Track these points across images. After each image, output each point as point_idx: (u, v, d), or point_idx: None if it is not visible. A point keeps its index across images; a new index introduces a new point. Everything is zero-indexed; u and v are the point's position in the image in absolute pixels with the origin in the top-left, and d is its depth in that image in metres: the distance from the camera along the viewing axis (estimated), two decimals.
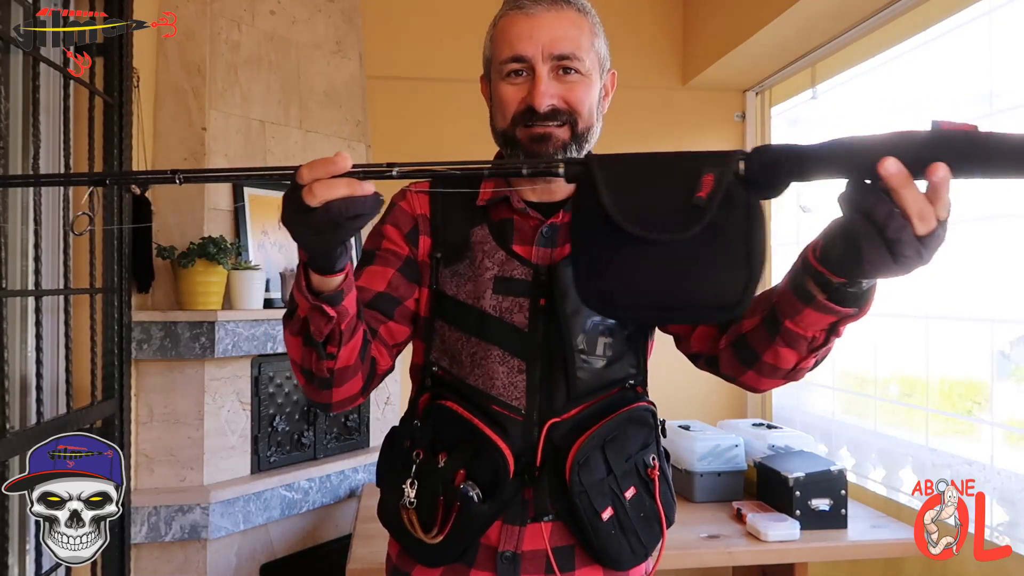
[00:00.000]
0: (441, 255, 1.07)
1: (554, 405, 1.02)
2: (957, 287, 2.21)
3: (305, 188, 0.77)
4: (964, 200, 2.17)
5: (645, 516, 1.05)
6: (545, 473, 1.01)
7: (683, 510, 2.22)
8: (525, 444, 1.01)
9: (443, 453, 1.02)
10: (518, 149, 1.04)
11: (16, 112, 1.68)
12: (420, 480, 1.02)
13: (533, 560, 1.02)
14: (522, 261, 1.05)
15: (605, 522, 1.01)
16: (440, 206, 1.10)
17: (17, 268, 1.69)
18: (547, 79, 1.01)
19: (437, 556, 1.04)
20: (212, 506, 2.11)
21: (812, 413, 2.86)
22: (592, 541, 1.01)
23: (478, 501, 0.98)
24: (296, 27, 2.61)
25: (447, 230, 1.08)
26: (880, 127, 2.59)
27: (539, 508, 1.02)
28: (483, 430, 0.99)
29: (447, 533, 0.99)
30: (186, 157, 2.27)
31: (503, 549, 1.02)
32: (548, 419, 1.01)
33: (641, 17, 3.16)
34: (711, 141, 3.20)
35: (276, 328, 2.26)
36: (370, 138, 2.86)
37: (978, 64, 2.11)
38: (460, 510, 0.99)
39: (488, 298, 1.03)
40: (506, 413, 1.02)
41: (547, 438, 1.01)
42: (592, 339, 1.03)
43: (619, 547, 1.02)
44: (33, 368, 1.62)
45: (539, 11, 1.02)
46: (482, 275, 1.04)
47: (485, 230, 1.07)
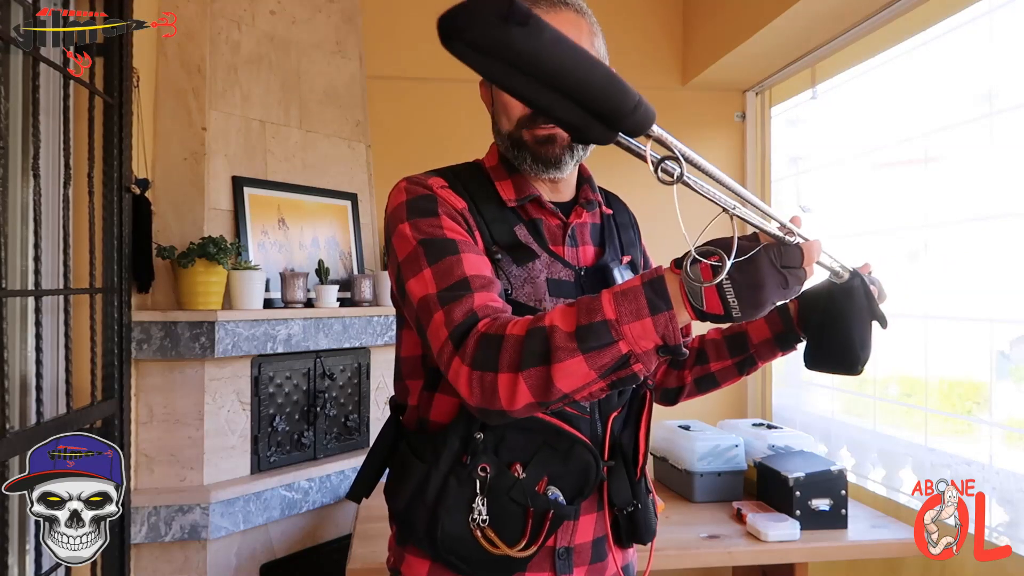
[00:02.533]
0: (502, 256, 1.03)
1: (610, 400, 1.06)
2: (957, 287, 2.21)
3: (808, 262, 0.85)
4: (964, 200, 2.17)
5: (649, 493, 1.15)
6: (618, 465, 1.07)
7: (683, 510, 2.22)
8: (594, 439, 1.05)
9: (515, 463, 1.00)
10: (524, 151, 1.05)
11: (16, 112, 1.68)
12: (491, 495, 0.98)
13: (581, 552, 1.06)
14: (563, 263, 1.07)
15: (643, 506, 1.10)
16: (476, 203, 1.06)
17: (17, 268, 1.69)
18: None
19: (512, 567, 1.00)
20: (212, 506, 2.11)
21: (812, 413, 2.86)
22: (636, 523, 1.08)
23: (567, 505, 1.01)
24: (296, 27, 2.61)
25: (494, 227, 1.05)
26: (880, 127, 2.59)
27: (622, 499, 1.07)
28: (569, 431, 1.01)
29: (540, 542, 0.98)
30: (186, 157, 2.27)
31: (560, 545, 1.04)
32: (609, 413, 1.05)
33: (641, 17, 3.16)
34: (711, 141, 3.20)
35: (276, 328, 2.26)
36: (370, 138, 2.86)
37: (978, 64, 2.11)
38: (554, 517, 0.99)
39: (547, 300, 1.03)
40: (575, 412, 1.03)
41: (611, 431, 1.06)
42: None
43: (647, 522, 1.11)
44: (33, 368, 1.62)
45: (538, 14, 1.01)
46: (537, 277, 1.04)
47: (524, 230, 1.07)
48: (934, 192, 2.28)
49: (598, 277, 1.07)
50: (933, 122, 2.27)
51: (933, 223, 2.28)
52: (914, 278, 2.37)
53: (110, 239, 1.88)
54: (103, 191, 1.87)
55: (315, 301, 2.44)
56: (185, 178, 2.27)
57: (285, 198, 2.52)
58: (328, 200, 2.66)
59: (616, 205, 1.23)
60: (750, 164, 3.19)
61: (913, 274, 2.38)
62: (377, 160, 2.90)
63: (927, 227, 2.31)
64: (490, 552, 0.97)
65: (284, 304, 2.36)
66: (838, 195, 2.75)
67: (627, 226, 1.22)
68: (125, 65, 1.91)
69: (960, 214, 2.19)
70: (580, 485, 1.02)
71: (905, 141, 2.39)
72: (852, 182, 2.66)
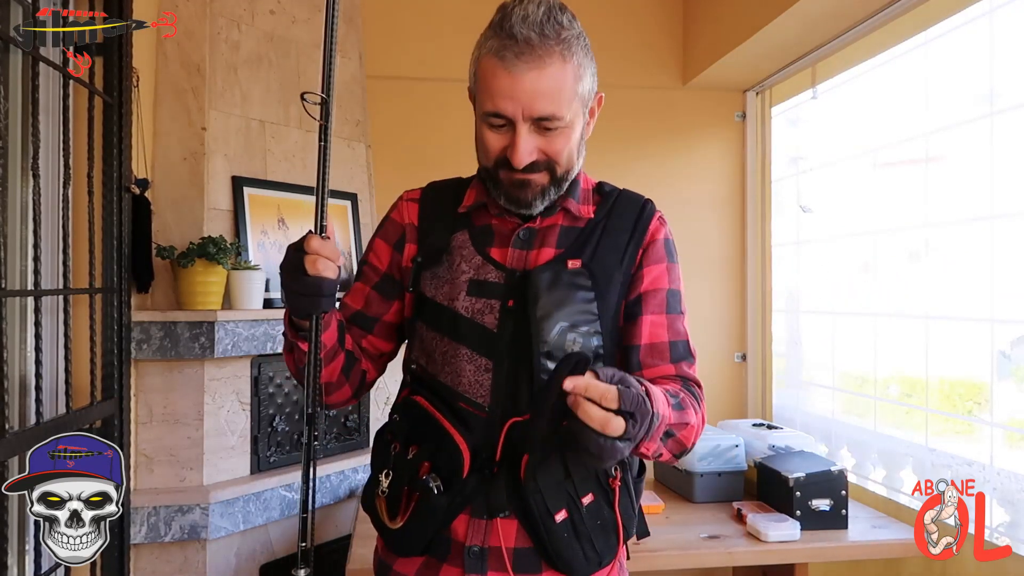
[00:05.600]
0: (421, 259, 1.14)
1: (518, 405, 1.05)
2: (957, 287, 2.21)
3: (309, 256, 0.97)
4: (964, 200, 2.17)
5: (602, 525, 1.06)
6: (503, 470, 1.04)
7: (683, 510, 2.22)
8: (486, 441, 1.04)
9: (415, 446, 1.08)
10: (500, 189, 1.09)
11: (15, 112, 1.68)
12: (394, 471, 1.09)
13: (500, 557, 1.04)
14: (496, 265, 1.09)
15: (558, 524, 1.03)
16: (428, 214, 1.18)
17: (17, 268, 1.69)
18: (526, 136, 1.03)
19: (401, 544, 1.08)
20: (212, 506, 2.10)
21: (812, 413, 2.86)
22: (545, 542, 1.03)
23: (437, 493, 1.02)
24: (296, 27, 2.61)
25: (431, 236, 1.15)
26: (880, 127, 2.59)
27: (495, 504, 1.04)
28: (444, 425, 1.04)
29: (406, 520, 1.04)
30: (186, 157, 2.27)
31: (470, 544, 1.04)
32: (510, 418, 1.04)
33: (641, 17, 3.16)
34: (711, 141, 3.20)
35: (276, 328, 2.26)
36: (370, 138, 2.86)
37: (978, 64, 2.11)
38: (419, 500, 1.03)
39: (462, 299, 1.08)
40: (471, 410, 1.06)
41: (507, 436, 1.03)
42: (559, 344, 1.05)
43: (572, 552, 1.04)
44: (33, 368, 1.61)
45: (520, 71, 0.99)
46: (458, 278, 1.10)
47: (465, 235, 1.13)
48: (934, 192, 2.28)
49: (525, 281, 1.06)
50: (933, 122, 2.27)
51: (933, 223, 2.28)
52: (914, 278, 2.37)
53: (110, 239, 1.88)
54: (103, 191, 1.86)
55: None
56: (185, 178, 2.27)
57: (285, 198, 2.52)
58: (328, 200, 2.66)
59: (620, 209, 1.14)
60: (750, 164, 3.18)
61: (913, 274, 2.38)
62: (377, 160, 2.90)
63: (927, 227, 2.31)
64: (384, 524, 1.08)
65: (284, 304, 2.36)
66: (838, 195, 2.75)
67: (620, 231, 1.12)
68: (125, 65, 1.90)
69: (960, 214, 2.19)
70: (449, 477, 1.03)
71: (906, 141, 2.39)
72: (852, 182, 2.66)
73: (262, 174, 2.46)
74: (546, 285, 1.05)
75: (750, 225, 3.19)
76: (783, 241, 3.09)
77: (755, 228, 3.19)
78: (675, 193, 3.16)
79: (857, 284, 2.68)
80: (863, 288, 2.64)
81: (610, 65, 3.30)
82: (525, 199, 1.07)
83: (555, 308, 1.05)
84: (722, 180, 3.21)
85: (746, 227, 3.19)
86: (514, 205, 1.09)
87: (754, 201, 3.19)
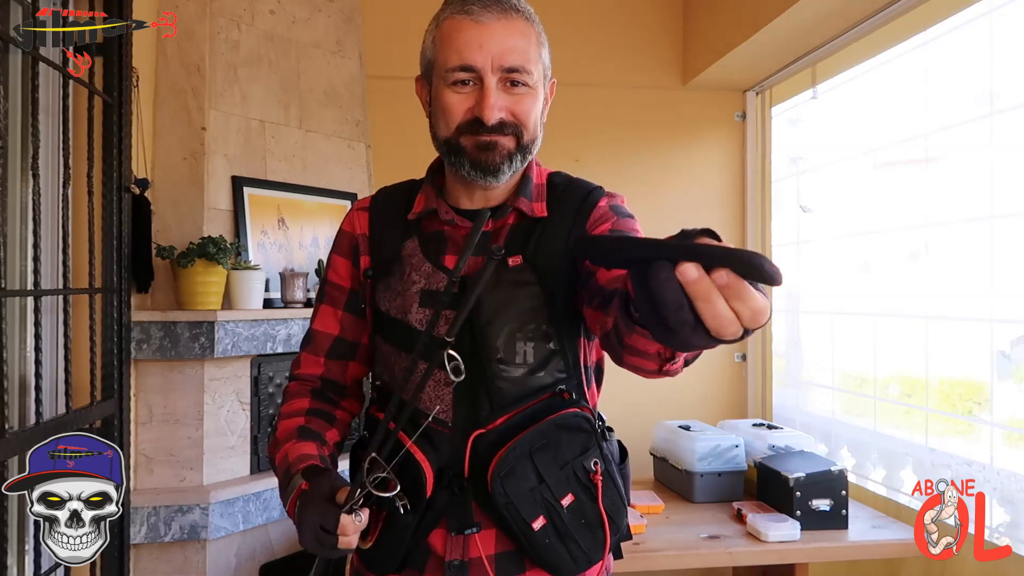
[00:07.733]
0: (373, 272, 1.10)
1: (479, 416, 1.01)
2: (957, 287, 2.21)
3: (342, 540, 0.92)
4: (964, 200, 2.17)
5: (587, 523, 1.02)
6: (472, 485, 1.01)
7: (683, 510, 2.22)
8: (453, 457, 1.02)
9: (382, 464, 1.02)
10: (463, 157, 1.02)
11: (15, 112, 1.68)
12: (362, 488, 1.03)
13: (481, 565, 1.02)
14: (448, 273, 1.04)
15: (538, 531, 0.99)
16: (378, 223, 1.13)
17: (16, 268, 1.69)
18: (496, 91, 1.00)
19: (373, 563, 1.06)
20: (212, 506, 2.10)
21: (812, 413, 2.86)
22: (527, 550, 1.01)
23: (404, 512, 0.97)
24: (296, 27, 2.60)
25: (382, 247, 1.11)
26: (880, 127, 2.59)
27: (464, 520, 1.01)
28: (406, 443, 0.98)
29: (375, 539, 1.02)
30: (186, 157, 2.27)
31: (450, 558, 1.02)
32: (473, 431, 1.01)
33: (641, 17, 3.16)
34: (711, 141, 3.20)
35: (276, 328, 2.26)
36: (370, 138, 2.86)
37: (978, 64, 2.11)
38: (386, 519, 1.02)
39: (415, 312, 1.04)
40: (435, 427, 1.02)
41: (473, 450, 1.01)
42: (510, 347, 1.00)
43: (557, 555, 1.01)
44: (32, 368, 1.61)
45: (489, 19, 0.99)
46: (409, 289, 1.05)
47: (415, 243, 1.09)
48: (934, 192, 2.28)
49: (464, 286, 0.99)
50: (933, 122, 2.27)
51: (933, 223, 2.28)
52: (914, 278, 2.37)
53: (109, 239, 1.88)
54: (102, 191, 1.86)
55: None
56: (184, 178, 2.27)
57: (285, 198, 2.52)
58: (328, 200, 2.66)
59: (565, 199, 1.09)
60: (750, 164, 3.18)
61: (913, 274, 2.38)
62: (377, 160, 2.90)
63: (927, 227, 2.31)
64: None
65: (284, 304, 2.36)
66: (838, 195, 2.75)
67: (563, 218, 1.07)
68: (125, 65, 1.90)
69: (960, 214, 2.19)
70: (414, 496, 0.99)
71: (905, 141, 2.39)
72: (852, 182, 2.66)
73: (262, 174, 2.46)
74: (487, 288, 0.98)
75: (750, 225, 3.19)
76: (783, 241, 3.09)
77: (755, 228, 3.19)
78: (675, 193, 3.16)
79: (857, 284, 2.68)
80: (863, 288, 2.64)
81: (610, 65, 3.30)
82: (492, 162, 1.01)
83: (500, 310, 1.00)
84: (722, 180, 3.21)
85: (746, 227, 3.19)
86: (480, 171, 1.02)
87: (754, 201, 3.19)
